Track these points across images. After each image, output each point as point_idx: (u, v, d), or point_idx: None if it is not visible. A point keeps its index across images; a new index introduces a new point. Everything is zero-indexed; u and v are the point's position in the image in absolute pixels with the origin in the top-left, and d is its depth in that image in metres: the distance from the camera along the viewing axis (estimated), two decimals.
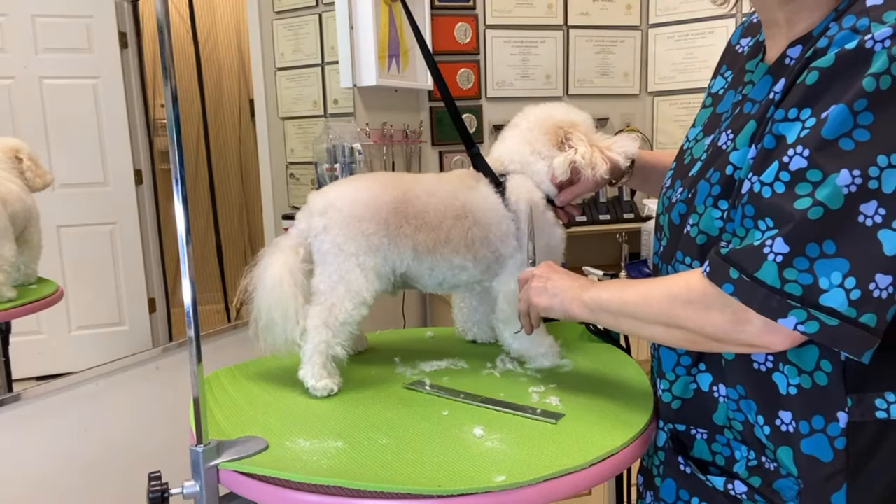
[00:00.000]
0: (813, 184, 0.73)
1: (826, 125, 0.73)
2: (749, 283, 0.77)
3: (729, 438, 0.93)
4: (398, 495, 0.81)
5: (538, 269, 1.09)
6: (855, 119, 0.72)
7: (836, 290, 0.72)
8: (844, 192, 0.72)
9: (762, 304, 0.76)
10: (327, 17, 2.40)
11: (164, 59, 0.80)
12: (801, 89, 0.77)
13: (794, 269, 0.74)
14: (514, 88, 2.82)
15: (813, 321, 0.74)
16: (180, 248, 0.84)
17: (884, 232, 0.71)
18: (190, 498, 0.87)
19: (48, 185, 1.69)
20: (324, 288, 1.11)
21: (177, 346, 1.98)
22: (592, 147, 1.17)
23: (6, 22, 1.74)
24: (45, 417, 1.62)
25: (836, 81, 0.74)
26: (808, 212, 0.73)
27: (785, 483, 0.86)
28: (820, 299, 0.73)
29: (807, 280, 0.73)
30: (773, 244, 0.75)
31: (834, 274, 0.72)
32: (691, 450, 0.98)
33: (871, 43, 0.72)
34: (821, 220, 0.72)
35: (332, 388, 1.09)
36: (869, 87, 0.71)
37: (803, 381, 0.84)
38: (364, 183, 1.17)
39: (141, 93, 2.06)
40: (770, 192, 0.77)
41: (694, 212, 0.92)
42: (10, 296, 1.60)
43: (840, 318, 0.73)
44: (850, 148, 0.72)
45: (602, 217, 2.74)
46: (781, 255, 0.74)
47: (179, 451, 1.10)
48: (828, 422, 0.82)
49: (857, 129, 0.72)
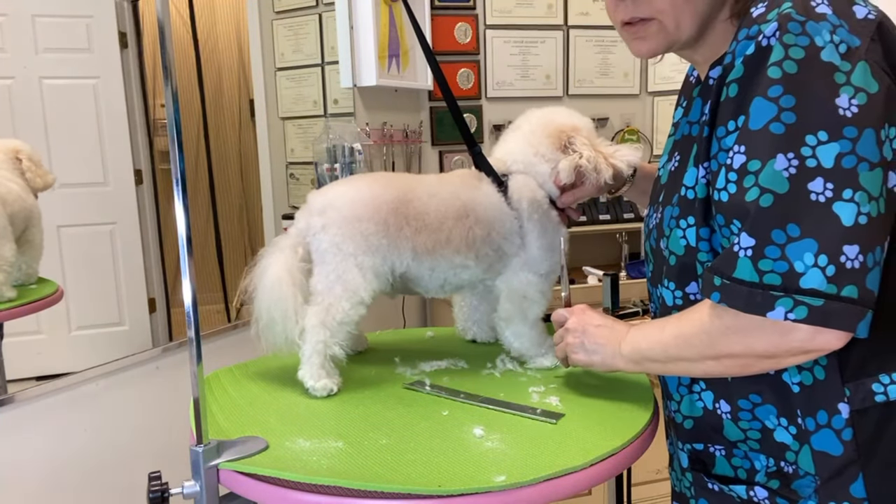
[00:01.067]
0: (755, 173, 0.77)
1: (750, 119, 0.78)
2: (730, 286, 0.78)
3: (746, 451, 0.94)
4: (398, 495, 0.81)
5: (571, 321, 1.06)
6: (777, 104, 0.76)
7: (813, 270, 0.74)
8: (785, 175, 0.75)
9: (747, 303, 0.77)
10: (327, 17, 2.40)
11: (164, 59, 0.81)
12: (729, 103, 0.82)
13: (768, 260, 0.76)
14: (514, 88, 2.82)
15: (801, 306, 0.75)
16: (180, 248, 0.84)
17: (837, 205, 0.74)
18: (190, 498, 0.87)
19: (49, 185, 1.69)
20: (321, 288, 1.11)
21: (177, 346, 1.98)
22: (596, 152, 1.17)
23: (6, 22, 1.74)
24: (45, 417, 1.62)
25: (751, 83, 0.79)
26: (760, 200, 0.76)
27: (803, 482, 0.87)
28: (800, 283, 0.74)
29: (782, 267, 0.75)
30: (740, 240, 0.77)
31: (806, 255, 0.74)
32: (713, 467, 0.98)
33: (765, 41, 0.78)
34: (774, 205, 0.75)
35: (331, 388, 1.09)
36: (774, 74, 0.76)
37: (804, 378, 0.85)
38: (364, 183, 1.17)
39: (141, 93, 2.06)
40: (727, 195, 0.80)
41: (663, 235, 0.95)
42: (10, 296, 1.59)
43: (823, 296, 0.74)
44: (781, 132, 0.76)
45: (602, 217, 2.74)
46: (750, 248, 0.76)
47: (179, 451, 1.10)
48: (831, 415, 0.83)
49: (783, 112, 0.76)
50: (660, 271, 0.99)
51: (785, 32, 0.77)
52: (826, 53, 0.76)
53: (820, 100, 0.75)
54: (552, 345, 1.22)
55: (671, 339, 0.91)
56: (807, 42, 0.76)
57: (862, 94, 0.75)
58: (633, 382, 1.12)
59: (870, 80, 0.75)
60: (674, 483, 1.09)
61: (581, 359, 1.04)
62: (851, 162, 0.74)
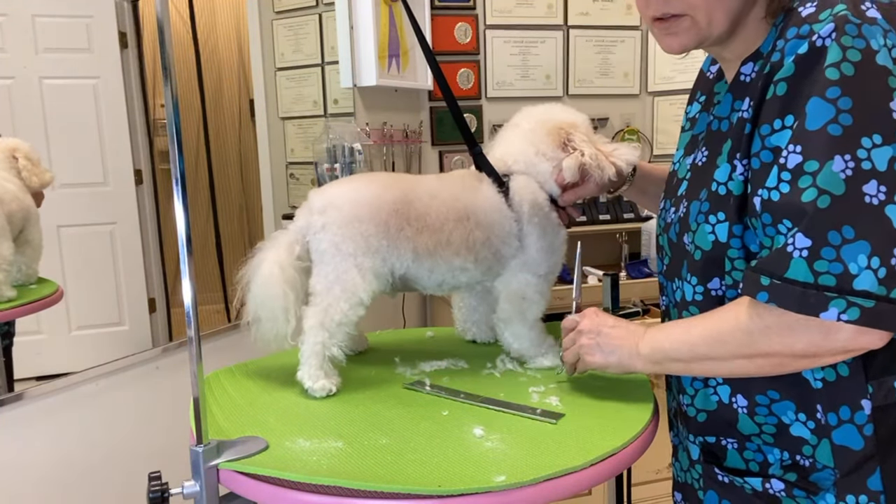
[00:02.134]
0: (812, 174, 0.77)
1: (808, 119, 0.77)
2: (781, 286, 0.78)
3: (759, 444, 0.95)
4: (398, 495, 0.81)
5: (584, 322, 1.05)
6: (835, 106, 0.76)
7: (866, 272, 0.75)
8: (842, 177, 0.75)
9: (800, 303, 0.77)
10: (327, 17, 2.40)
11: (164, 59, 0.80)
12: (776, 101, 0.82)
13: (823, 261, 0.76)
14: (514, 88, 2.82)
15: (853, 308, 0.75)
16: (180, 248, 0.84)
17: (890, 208, 0.75)
18: (190, 498, 0.87)
19: (47, 184, 1.69)
20: (320, 288, 1.10)
21: (177, 346, 1.98)
22: (596, 150, 1.17)
23: (6, 22, 1.74)
24: (45, 417, 1.62)
25: (803, 82, 0.79)
26: (817, 201, 0.76)
27: (821, 475, 0.89)
28: (854, 284, 0.75)
29: (837, 269, 0.75)
30: (795, 241, 0.77)
31: (860, 257, 0.75)
32: (724, 460, 0.99)
33: (819, 41, 0.78)
34: (831, 207, 0.75)
35: (330, 389, 1.09)
36: (832, 75, 0.77)
37: (827, 374, 0.86)
38: (365, 183, 1.17)
39: (141, 93, 2.06)
40: (778, 194, 0.80)
41: (688, 230, 0.95)
42: (10, 295, 1.59)
43: (874, 297, 0.75)
44: (839, 134, 0.76)
45: (602, 217, 2.74)
46: (806, 248, 0.76)
47: (179, 451, 1.10)
48: (854, 411, 0.85)
49: (841, 114, 0.76)
50: (678, 265, 0.99)
51: (842, 34, 0.77)
52: (881, 57, 0.77)
53: (875, 103, 0.76)
54: (552, 345, 1.22)
55: (700, 338, 0.90)
56: (863, 45, 0.77)
57: None
58: (633, 382, 1.12)
59: None
60: (677, 474, 1.09)
61: (597, 360, 1.02)
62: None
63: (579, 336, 1.05)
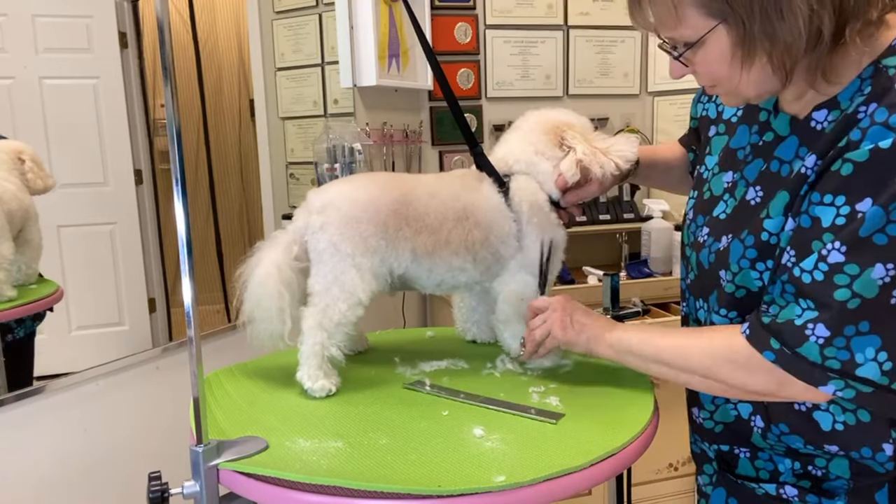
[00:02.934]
0: (851, 276, 0.79)
1: (863, 225, 0.78)
2: (791, 357, 0.83)
3: (771, 455, 0.98)
4: (398, 495, 0.81)
5: (557, 301, 1.10)
6: (888, 216, 0.77)
7: (870, 364, 0.80)
8: (879, 284, 0.78)
9: (805, 375, 0.83)
10: (327, 17, 2.40)
11: (164, 59, 0.80)
12: (837, 179, 0.81)
13: (833, 348, 0.80)
14: (514, 88, 2.82)
15: (850, 389, 0.82)
16: (180, 248, 0.84)
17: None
18: (190, 498, 0.87)
19: (50, 188, 1.69)
20: (319, 289, 1.10)
21: (177, 346, 1.98)
22: (592, 148, 1.17)
23: (6, 22, 1.74)
24: (45, 417, 1.62)
25: (870, 176, 0.78)
26: (848, 303, 0.79)
27: (835, 483, 0.93)
28: (856, 371, 0.80)
29: (844, 356, 0.80)
30: (816, 328, 0.81)
31: (868, 349, 0.80)
32: (736, 468, 1.03)
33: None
34: (859, 308, 0.78)
35: (329, 389, 1.09)
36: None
37: (848, 419, 0.90)
38: (364, 183, 1.17)
39: (141, 93, 2.06)
40: (810, 278, 0.82)
41: (727, 269, 0.96)
42: (11, 295, 1.60)
43: (874, 386, 0.80)
44: (884, 243, 0.77)
45: (602, 217, 2.74)
46: (823, 338, 0.81)
47: (179, 451, 1.10)
48: (875, 452, 0.89)
49: (889, 224, 0.77)
50: (706, 290, 1.01)
51: None
52: None
53: None
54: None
55: (669, 346, 0.95)
56: None
57: None
58: (633, 382, 1.12)
59: None
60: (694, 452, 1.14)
61: (568, 336, 1.07)
62: None
63: (553, 313, 1.09)
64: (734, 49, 0.83)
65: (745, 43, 0.82)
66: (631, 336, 1.01)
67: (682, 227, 1.11)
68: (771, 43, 0.81)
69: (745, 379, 0.88)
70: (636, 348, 1.00)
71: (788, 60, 0.82)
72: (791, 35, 0.79)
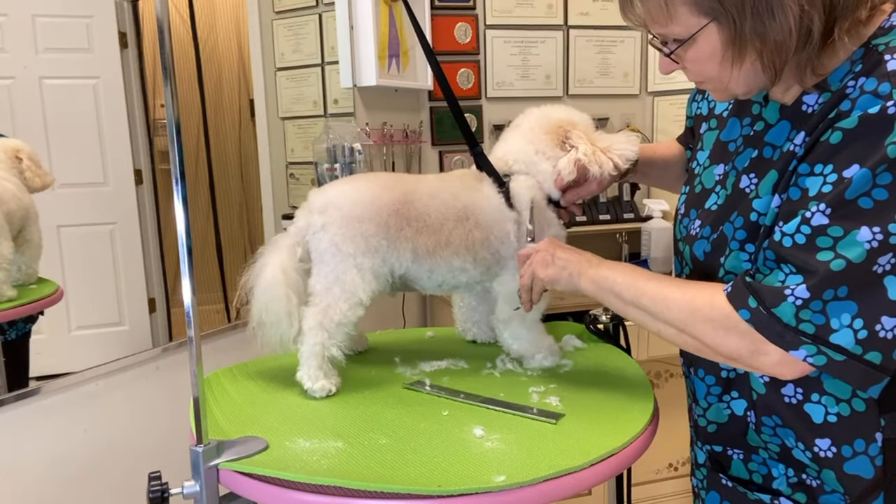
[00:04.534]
0: (834, 239, 0.77)
1: (850, 187, 0.77)
2: (766, 316, 0.81)
3: (765, 458, 0.97)
4: (398, 495, 0.81)
5: (541, 244, 1.09)
6: (874, 180, 0.76)
7: (845, 330, 0.78)
8: (867, 248, 0.76)
9: (777, 337, 0.81)
10: (327, 17, 2.40)
11: (164, 59, 0.80)
12: (826, 147, 0.80)
13: (809, 311, 0.79)
14: (514, 88, 2.82)
15: (821, 356, 0.80)
16: (180, 248, 0.84)
17: (889, 279, 0.77)
18: (190, 498, 0.87)
19: (48, 186, 1.69)
20: (319, 289, 1.10)
21: (177, 346, 1.98)
22: (593, 146, 1.17)
23: (6, 22, 1.74)
24: (45, 417, 1.62)
25: (859, 142, 0.78)
26: (831, 264, 0.77)
27: (831, 497, 0.91)
28: (830, 337, 0.79)
29: (819, 320, 0.79)
30: (796, 289, 0.79)
31: (843, 315, 0.78)
32: (729, 469, 1.01)
33: (893, 109, 0.76)
34: (843, 271, 0.77)
35: (329, 389, 1.09)
36: (893, 153, 0.75)
37: (842, 410, 0.88)
38: (365, 183, 1.17)
39: (141, 93, 2.06)
40: (791, 241, 0.81)
41: (722, 254, 0.95)
42: (10, 295, 1.59)
43: (847, 354, 0.79)
44: (869, 207, 0.76)
45: (602, 217, 2.74)
46: (802, 299, 0.79)
47: (179, 451, 1.10)
48: (868, 443, 0.88)
49: (875, 188, 0.76)
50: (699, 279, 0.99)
51: None
52: None
53: None
54: (552, 345, 1.22)
55: (652, 291, 0.93)
56: None
57: None
58: (633, 382, 1.12)
59: None
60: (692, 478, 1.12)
61: (550, 273, 1.05)
62: None
63: (536, 254, 1.08)
64: (725, 47, 0.83)
65: (736, 42, 0.82)
66: (616, 275, 0.98)
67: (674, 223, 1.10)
68: (762, 42, 0.81)
69: (719, 339, 0.86)
70: (618, 288, 0.97)
71: (778, 59, 0.82)
72: (781, 34, 0.79)
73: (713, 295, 0.87)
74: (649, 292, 0.93)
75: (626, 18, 0.90)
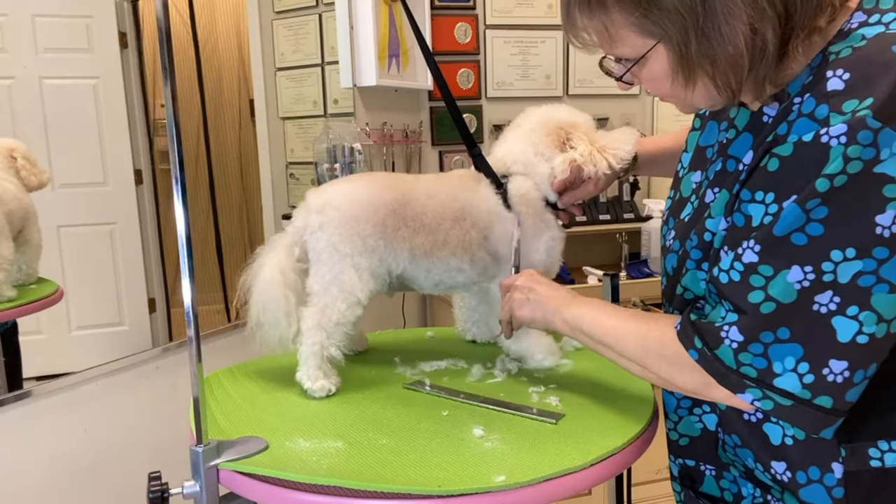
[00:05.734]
0: (766, 278, 0.74)
1: (777, 223, 0.73)
2: (711, 357, 0.80)
3: (735, 475, 0.95)
4: (398, 495, 0.81)
5: (520, 278, 1.09)
6: (808, 215, 0.71)
7: (790, 375, 0.74)
8: (797, 288, 0.73)
9: (722, 378, 0.79)
10: (327, 17, 2.40)
11: (164, 59, 0.80)
12: (763, 174, 0.77)
13: (748, 354, 0.76)
14: (514, 88, 2.82)
15: (768, 400, 0.77)
16: (180, 248, 0.84)
17: (837, 319, 0.72)
18: (190, 498, 0.87)
19: (44, 184, 1.69)
20: (317, 289, 1.10)
21: (177, 346, 1.98)
22: (592, 146, 1.17)
23: (6, 22, 1.74)
24: (45, 417, 1.62)
25: (793, 171, 0.73)
26: (761, 306, 0.74)
27: None
28: (774, 382, 0.75)
29: (761, 364, 0.76)
30: (730, 331, 0.77)
31: (787, 359, 0.74)
32: (701, 485, 0.99)
33: (826, 138, 0.70)
34: (774, 312, 0.74)
35: (329, 389, 1.09)
36: (822, 187, 0.70)
37: (797, 433, 0.84)
38: (363, 183, 1.17)
39: (141, 93, 2.06)
40: (727, 278, 0.79)
41: (681, 272, 0.93)
42: (11, 295, 1.60)
43: (794, 399, 0.75)
44: (803, 243, 0.72)
45: (602, 217, 2.74)
46: (737, 342, 0.77)
47: (179, 451, 1.10)
48: (823, 472, 0.83)
49: (810, 223, 0.71)
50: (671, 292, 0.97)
51: (852, 143, 0.69)
52: (886, 166, 0.68)
53: (859, 216, 0.70)
54: (551, 345, 1.22)
55: (612, 328, 0.93)
56: (871, 155, 0.68)
57: None
58: (633, 383, 1.12)
59: None
60: None
61: (525, 314, 1.05)
62: (869, 281, 0.71)
63: (514, 291, 1.07)
64: (674, 69, 0.79)
65: (684, 64, 0.77)
66: (584, 313, 0.97)
67: None
68: (712, 64, 0.76)
69: (674, 375, 0.85)
70: (586, 327, 0.96)
71: (733, 79, 0.77)
72: (733, 55, 0.74)
73: (664, 332, 0.86)
74: (610, 329, 0.93)
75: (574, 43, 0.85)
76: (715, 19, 0.73)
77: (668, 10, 0.75)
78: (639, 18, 0.77)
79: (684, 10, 0.74)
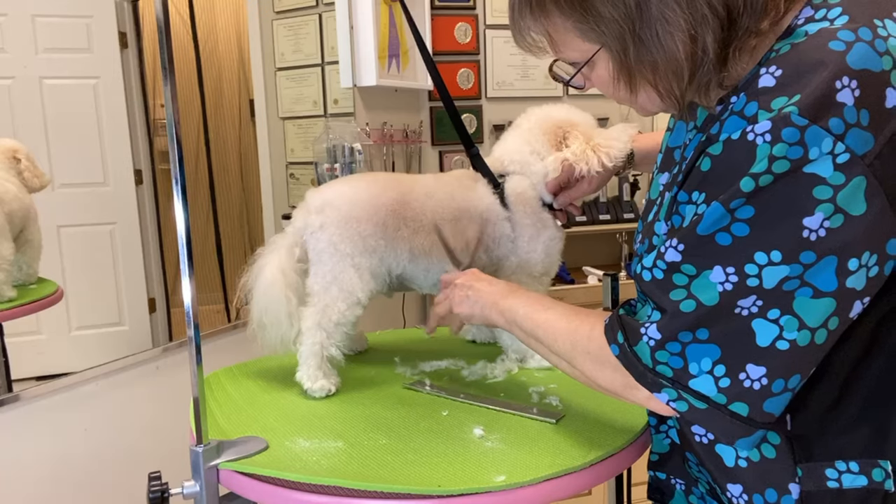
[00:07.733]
0: (689, 277, 0.72)
1: (701, 222, 0.71)
2: (630, 354, 0.77)
3: (703, 492, 0.92)
4: (398, 495, 0.81)
5: (461, 276, 1.07)
6: (732, 214, 0.69)
7: (705, 377, 0.72)
8: (719, 290, 0.70)
9: (640, 377, 0.77)
10: (327, 17, 2.40)
11: (164, 59, 0.80)
12: (697, 174, 0.74)
13: (665, 352, 0.74)
14: (514, 88, 2.82)
15: (682, 401, 0.74)
16: (180, 248, 0.84)
17: (757, 322, 0.70)
18: (190, 498, 0.87)
19: (45, 186, 1.69)
20: (318, 289, 1.10)
21: (177, 346, 1.98)
22: (585, 145, 1.16)
23: (6, 22, 1.74)
24: (46, 417, 1.62)
25: (722, 170, 0.71)
26: (681, 304, 0.72)
27: None
28: (689, 383, 0.73)
29: (677, 364, 0.74)
30: (649, 328, 0.75)
31: (704, 360, 0.72)
32: (671, 498, 0.97)
33: (752, 136, 0.68)
34: (694, 312, 0.72)
35: (329, 389, 1.09)
36: (747, 187, 0.68)
37: (752, 455, 0.81)
38: (363, 183, 1.17)
39: (141, 93, 2.06)
40: (650, 276, 0.77)
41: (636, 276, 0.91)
42: (11, 295, 1.60)
43: (709, 402, 0.73)
44: (727, 243, 0.70)
45: (602, 217, 2.74)
46: (654, 340, 0.75)
47: (179, 451, 1.10)
48: (781, 494, 0.79)
49: (735, 223, 0.69)
50: None
51: (777, 142, 0.66)
52: (816, 166, 0.66)
53: (785, 217, 0.67)
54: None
55: (543, 323, 0.91)
56: (798, 154, 0.66)
57: (839, 215, 0.66)
58: None
59: (859, 199, 0.66)
60: None
61: (464, 310, 1.04)
62: (792, 286, 0.68)
63: (454, 289, 1.06)
64: (617, 74, 0.78)
65: (624, 70, 0.76)
66: (519, 305, 0.94)
67: None
68: (653, 71, 0.74)
69: (596, 372, 0.83)
70: (519, 319, 0.93)
71: (675, 86, 0.75)
72: (672, 62, 0.73)
73: (593, 326, 0.84)
74: (542, 323, 0.90)
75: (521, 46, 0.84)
76: (651, 26, 0.72)
77: (602, 17, 0.74)
78: (576, 24, 0.76)
79: (619, 17, 0.73)
